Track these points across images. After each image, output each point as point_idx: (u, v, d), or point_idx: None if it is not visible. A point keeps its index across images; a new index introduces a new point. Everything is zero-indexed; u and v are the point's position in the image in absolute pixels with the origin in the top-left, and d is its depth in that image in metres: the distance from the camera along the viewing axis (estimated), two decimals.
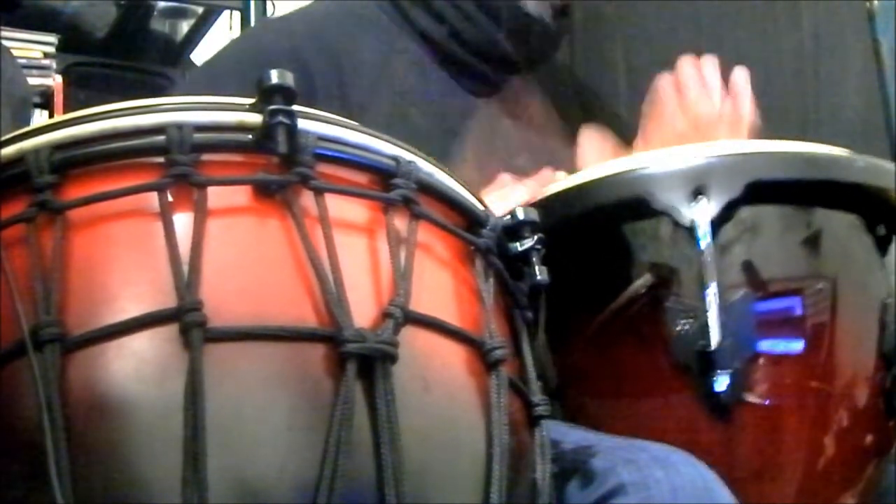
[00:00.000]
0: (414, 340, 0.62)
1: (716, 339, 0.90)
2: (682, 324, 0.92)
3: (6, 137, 0.65)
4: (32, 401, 0.56)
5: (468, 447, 0.64)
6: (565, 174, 1.08)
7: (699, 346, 0.91)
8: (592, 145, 1.26)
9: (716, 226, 0.92)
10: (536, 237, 0.73)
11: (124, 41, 2.82)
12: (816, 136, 1.09)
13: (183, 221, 0.61)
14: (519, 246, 0.73)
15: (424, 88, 1.26)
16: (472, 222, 0.71)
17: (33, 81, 2.37)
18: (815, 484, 0.95)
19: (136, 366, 0.58)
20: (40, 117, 2.39)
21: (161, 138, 0.62)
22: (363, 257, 0.64)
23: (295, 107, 0.63)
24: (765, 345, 0.94)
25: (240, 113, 0.64)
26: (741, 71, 1.20)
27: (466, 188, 0.73)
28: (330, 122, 0.67)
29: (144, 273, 0.61)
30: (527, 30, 1.27)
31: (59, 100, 2.50)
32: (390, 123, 1.15)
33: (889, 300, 0.99)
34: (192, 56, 2.93)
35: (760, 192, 0.93)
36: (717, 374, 0.90)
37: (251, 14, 2.74)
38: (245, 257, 0.62)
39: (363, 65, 1.24)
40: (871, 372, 0.98)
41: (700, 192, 0.92)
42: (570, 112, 1.37)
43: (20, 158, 0.63)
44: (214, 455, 0.56)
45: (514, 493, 0.65)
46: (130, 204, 0.62)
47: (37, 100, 2.42)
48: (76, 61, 2.64)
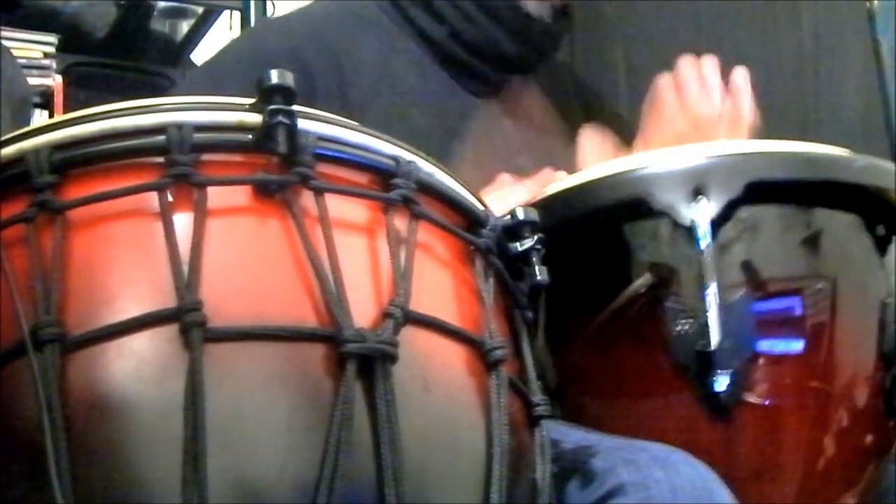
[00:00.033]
0: (414, 340, 0.62)
1: (716, 339, 0.90)
2: (682, 324, 0.92)
3: (6, 137, 0.65)
4: (32, 401, 0.56)
5: (468, 447, 0.64)
6: (566, 174, 1.08)
7: (699, 346, 0.91)
8: (592, 145, 1.26)
9: (715, 226, 0.92)
10: (536, 237, 0.73)
11: (124, 41, 2.82)
12: (816, 136, 1.09)
13: (183, 221, 0.61)
14: (519, 246, 0.73)
15: (424, 88, 1.26)
16: (472, 222, 0.71)
17: (33, 81, 2.36)
18: (815, 484, 0.95)
19: (136, 366, 0.58)
20: (40, 117, 2.39)
21: (161, 138, 0.62)
22: (363, 257, 0.64)
23: (295, 107, 0.63)
24: (764, 345, 0.94)
25: (240, 113, 0.64)
26: (741, 71, 1.20)
27: (466, 188, 0.73)
28: (330, 122, 0.67)
29: (144, 273, 0.61)
30: (527, 29, 1.27)
31: (59, 100, 2.50)
32: (390, 123, 1.15)
33: (889, 300, 0.99)
34: (192, 56, 2.93)
35: (760, 192, 0.93)
36: (717, 374, 0.90)
37: (251, 14, 2.74)
38: (245, 257, 0.62)
39: (363, 65, 1.24)
40: (871, 372, 0.98)
41: (700, 192, 0.92)
42: (571, 112, 1.37)
43: (20, 158, 0.63)
44: (214, 455, 0.56)
45: (514, 493, 0.65)
46: (130, 204, 0.62)
47: (37, 100, 2.42)
48: (76, 61, 2.64)
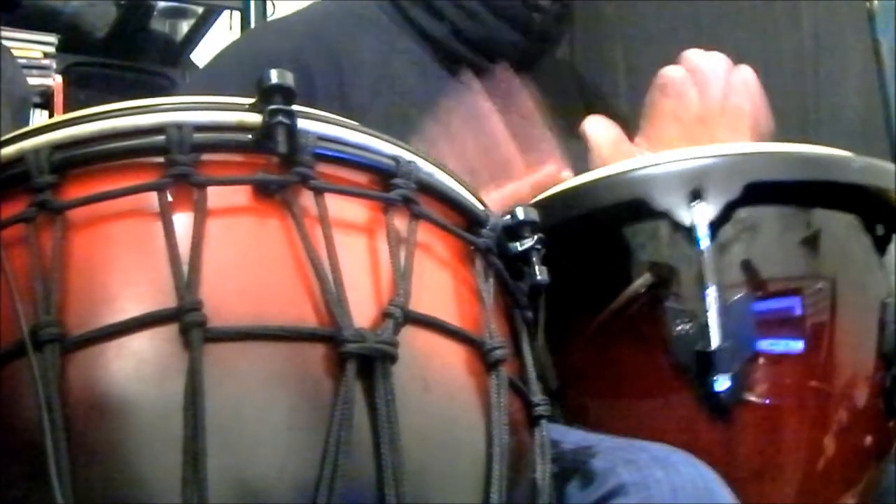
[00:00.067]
0: (414, 340, 0.62)
1: (716, 340, 0.90)
2: (682, 324, 0.92)
3: (6, 137, 0.65)
4: (32, 401, 0.56)
5: (468, 447, 0.64)
6: (571, 174, 1.08)
7: (699, 347, 0.91)
8: (600, 129, 1.23)
9: (715, 226, 0.92)
10: (536, 237, 0.73)
11: (124, 41, 2.82)
12: (816, 137, 1.09)
13: (183, 221, 0.61)
14: (519, 246, 0.73)
15: (425, 88, 1.26)
16: (472, 222, 0.71)
17: (33, 81, 2.37)
18: (815, 484, 0.95)
19: (136, 366, 0.58)
20: (40, 117, 2.39)
21: (161, 138, 0.62)
22: (363, 257, 0.64)
23: (295, 107, 0.63)
24: (764, 345, 0.94)
25: (240, 113, 0.64)
26: (747, 69, 1.18)
27: (466, 188, 0.73)
28: (330, 122, 0.67)
29: (144, 273, 0.61)
30: (531, 20, 1.26)
31: (59, 100, 2.50)
32: (390, 123, 1.15)
33: (888, 300, 0.99)
34: (192, 56, 2.93)
35: (759, 193, 0.93)
36: (717, 375, 0.90)
37: (251, 14, 2.74)
38: (245, 257, 0.62)
39: (363, 65, 1.24)
40: (871, 372, 0.98)
41: (699, 194, 0.92)
42: (573, 108, 1.36)
43: (20, 158, 0.63)
44: (214, 455, 0.56)
45: (514, 493, 0.65)
46: (130, 204, 0.62)
47: (37, 100, 2.42)
48: (76, 61, 2.64)
